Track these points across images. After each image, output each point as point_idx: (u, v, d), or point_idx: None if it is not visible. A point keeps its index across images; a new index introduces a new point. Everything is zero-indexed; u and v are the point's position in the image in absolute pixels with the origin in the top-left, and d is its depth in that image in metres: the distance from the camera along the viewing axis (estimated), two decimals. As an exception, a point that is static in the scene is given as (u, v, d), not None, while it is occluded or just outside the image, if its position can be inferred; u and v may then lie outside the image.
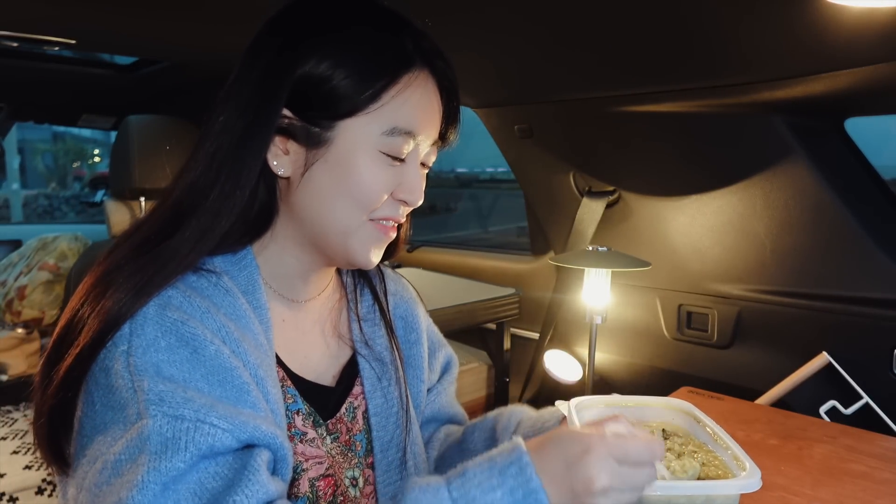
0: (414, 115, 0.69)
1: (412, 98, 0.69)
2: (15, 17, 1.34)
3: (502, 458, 0.55)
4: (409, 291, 0.92)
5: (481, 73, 1.54)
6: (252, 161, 0.67)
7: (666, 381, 1.71)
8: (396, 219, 0.73)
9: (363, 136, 0.68)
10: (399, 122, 0.68)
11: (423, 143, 0.72)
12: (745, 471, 0.63)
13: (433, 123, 0.72)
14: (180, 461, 0.54)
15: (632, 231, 1.71)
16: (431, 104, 0.71)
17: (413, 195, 0.72)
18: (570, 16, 1.11)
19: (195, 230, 0.65)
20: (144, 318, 0.60)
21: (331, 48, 0.67)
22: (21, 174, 13.40)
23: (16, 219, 11.30)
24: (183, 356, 0.59)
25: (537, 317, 2.02)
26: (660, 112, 1.40)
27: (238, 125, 0.67)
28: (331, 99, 0.67)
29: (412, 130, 0.69)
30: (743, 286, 1.55)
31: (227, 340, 0.63)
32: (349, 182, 0.68)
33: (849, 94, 1.18)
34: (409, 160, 0.71)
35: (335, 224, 0.70)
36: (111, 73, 2.17)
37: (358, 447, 0.78)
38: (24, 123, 2.89)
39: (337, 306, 0.83)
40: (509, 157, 1.90)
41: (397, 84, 0.68)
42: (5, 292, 2.21)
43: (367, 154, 0.68)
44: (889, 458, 1.04)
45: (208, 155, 0.67)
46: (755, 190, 1.40)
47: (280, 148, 0.69)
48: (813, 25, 0.97)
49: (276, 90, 0.67)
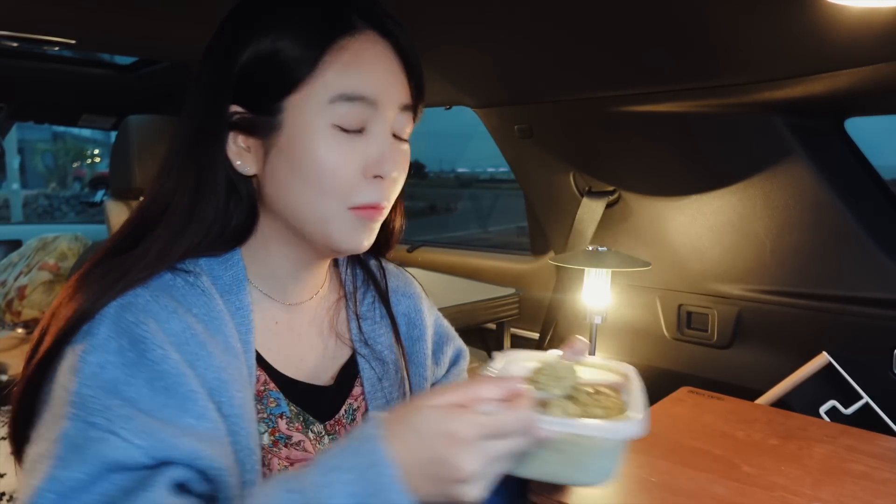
0: (363, 79, 0.65)
1: (357, 61, 0.65)
2: (15, 17, 1.34)
3: (354, 435, 0.53)
4: (412, 287, 0.90)
5: (481, 73, 1.54)
6: (208, 161, 0.67)
7: (666, 382, 1.71)
8: (377, 203, 0.68)
9: (309, 111, 0.65)
10: (344, 87, 0.64)
11: (386, 109, 0.67)
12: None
13: (392, 87, 0.68)
14: (81, 472, 0.52)
15: (632, 231, 1.71)
16: (384, 66, 0.67)
17: (385, 166, 0.67)
18: (570, 16, 1.11)
19: (161, 235, 0.66)
20: (102, 318, 0.60)
21: (266, 28, 0.66)
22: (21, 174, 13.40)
23: (16, 219, 11.30)
24: (130, 359, 0.58)
25: (537, 317, 2.02)
26: (660, 112, 1.40)
27: (190, 128, 0.68)
28: (271, 80, 0.65)
29: (364, 95, 0.65)
30: (743, 286, 1.55)
31: (188, 343, 0.62)
32: (306, 165, 0.65)
33: (849, 94, 1.18)
34: (372, 130, 0.67)
35: (309, 214, 0.67)
36: (111, 73, 2.17)
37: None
38: (24, 123, 2.89)
39: (335, 306, 0.81)
40: (509, 157, 1.90)
41: (336, 49, 0.65)
42: (5, 292, 2.21)
43: (319, 131, 0.65)
44: (889, 458, 1.04)
45: (167, 160, 0.68)
46: (755, 190, 1.40)
47: (242, 147, 0.68)
48: (813, 25, 0.97)
49: (220, 85, 0.67)
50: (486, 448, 0.50)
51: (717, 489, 0.95)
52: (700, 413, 1.24)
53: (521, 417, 0.52)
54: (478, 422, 0.50)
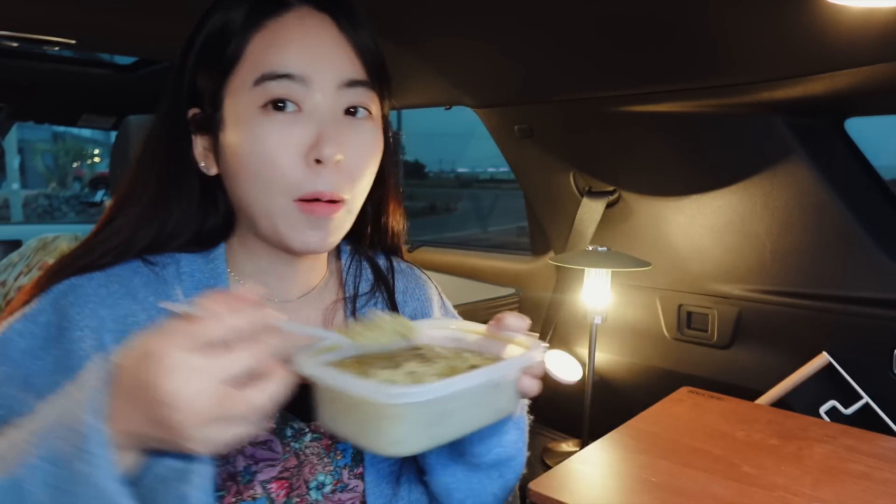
0: (288, 56, 0.62)
1: (282, 38, 0.63)
2: (15, 17, 1.34)
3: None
4: (423, 289, 0.86)
5: (481, 73, 1.54)
6: (172, 164, 0.68)
7: (666, 381, 1.71)
8: (323, 193, 0.63)
9: (241, 97, 0.63)
10: (267, 66, 0.62)
11: (321, 86, 0.63)
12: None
13: (325, 62, 0.63)
14: None
15: (632, 231, 1.71)
16: (316, 41, 0.64)
17: (325, 149, 0.61)
18: (570, 16, 1.11)
19: (122, 230, 0.67)
20: (48, 293, 0.62)
21: (210, 16, 0.66)
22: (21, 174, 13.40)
23: (16, 219, 11.30)
24: (51, 334, 0.60)
25: (537, 317, 2.02)
26: (660, 112, 1.40)
27: (154, 131, 0.69)
28: (211, 69, 0.65)
29: (289, 72, 0.61)
30: (743, 286, 1.55)
31: (127, 329, 0.62)
32: (243, 155, 0.63)
33: (849, 94, 1.18)
34: (308, 110, 0.63)
35: (258, 210, 0.65)
36: (111, 73, 2.17)
37: (339, 455, 0.72)
38: (24, 123, 2.89)
39: (332, 307, 0.78)
40: (509, 157, 1.90)
41: (264, 28, 0.63)
42: (5, 292, 2.21)
43: (250, 117, 0.62)
44: (889, 458, 1.04)
45: (138, 160, 0.70)
46: (755, 190, 1.40)
47: (206, 148, 0.68)
48: (813, 25, 0.97)
49: (179, 86, 0.68)
50: (191, 363, 0.42)
51: (717, 489, 0.95)
52: (700, 413, 1.24)
53: (255, 311, 0.45)
54: (177, 331, 0.43)
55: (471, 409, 0.54)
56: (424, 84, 1.65)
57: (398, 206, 0.82)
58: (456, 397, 0.51)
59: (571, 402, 1.91)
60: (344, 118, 0.65)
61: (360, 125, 0.66)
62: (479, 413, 0.56)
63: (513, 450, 0.72)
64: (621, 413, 1.29)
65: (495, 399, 0.58)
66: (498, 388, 0.57)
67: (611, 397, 1.84)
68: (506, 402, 0.60)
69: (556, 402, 2.03)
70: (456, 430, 0.54)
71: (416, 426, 0.50)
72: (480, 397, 0.55)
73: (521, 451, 0.75)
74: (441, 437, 0.53)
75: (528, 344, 0.62)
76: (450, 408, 0.52)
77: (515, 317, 0.64)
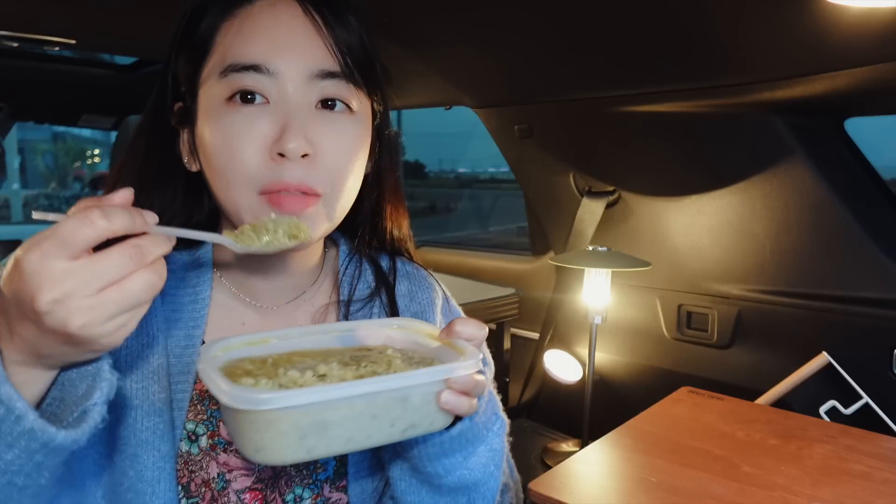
0: (255, 45, 0.59)
1: (250, 28, 0.60)
2: (15, 17, 1.34)
3: None
4: (426, 291, 0.80)
5: (481, 73, 1.54)
6: (154, 156, 0.67)
7: (666, 381, 1.71)
8: (288, 184, 0.59)
9: (209, 89, 0.61)
10: (232, 57, 0.59)
11: (290, 77, 0.60)
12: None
13: (295, 52, 0.60)
14: None
15: (632, 231, 1.71)
16: (285, 30, 0.60)
17: (288, 143, 0.57)
18: (570, 16, 1.11)
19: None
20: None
21: (188, 16, 0.65)
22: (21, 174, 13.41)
23: (16, 219, 11.30)
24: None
25: (537, 317, 2.02)
26: (660, 112, 1.40)
27: (140, 126, 0.68)
28: (187, 60, 0.64)
29: (255, 63, 0.58)
30: (743, 286, 1.55)
31: None
32: (209, 148, 0.60)
33: (849, 94, 1.18)
34: (277, 101, 0.60)
35: (226, 204, 0.62)
36: (111, 73, 2.17)
37: (319, 468, 0.69)
38: (24, 123, 2.89)
39: (322, 311, 0.74)
40: (509, 157, 1.90)
41: (234, 17, 0.61)
42: (5, 292, 2.21)
43: (216, 109, 0.60)
44: (889, 458, 1.04)
45: (125, 154, 0.69)
46: (755, 190, 1.40)
47: (187, 142, 0.67)
48: (813, 25, 0.97)
49: (163, 82, 0.67)
50: (62, 269, 0.42)
51: (717, 489, 0.95)
52: (700, 413, 1.25)
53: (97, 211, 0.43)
54: (45, 238, 0.43)
55: (362, 421, 0.49)
56: (424, 84, 1.65)
57: (398, 206, 0.79)
58: (330, 407, 0.47)
59: (571, 402, 1.91)
60: (317, 111, 0.61)
61: (336, 118, 0.62)
62: (378, 427, 0.50)
63: (481, 474, 0.64)
64: (621, 413, 1.29)
65: (401, 412, 0.51)
66: (404, 401, 0.51)
67: (611, 397, 1.84)
68: (419, 416, 0.52)
69: (556, 402, 2.03)
70: (344, 443, 0.49)
71: (283, 435, 0.47)
72: (374, 409, 0.50)
73: (494, 477, 0.67)
74: (322, 450, 0.49)
75: (467, 355, 0.55)
76: (326, 418, 0.47)
77: (468, 324, 0.57)
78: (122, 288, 0.45)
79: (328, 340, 0.60)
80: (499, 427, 0.66)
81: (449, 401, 0.53)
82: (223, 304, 0.70)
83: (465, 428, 0.59)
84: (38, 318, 0.43)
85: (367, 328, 0.62)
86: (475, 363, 0.53)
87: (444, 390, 0.52)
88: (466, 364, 0.52)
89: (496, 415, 0.66)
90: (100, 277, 0.44)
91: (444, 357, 0.57)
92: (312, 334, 0.60)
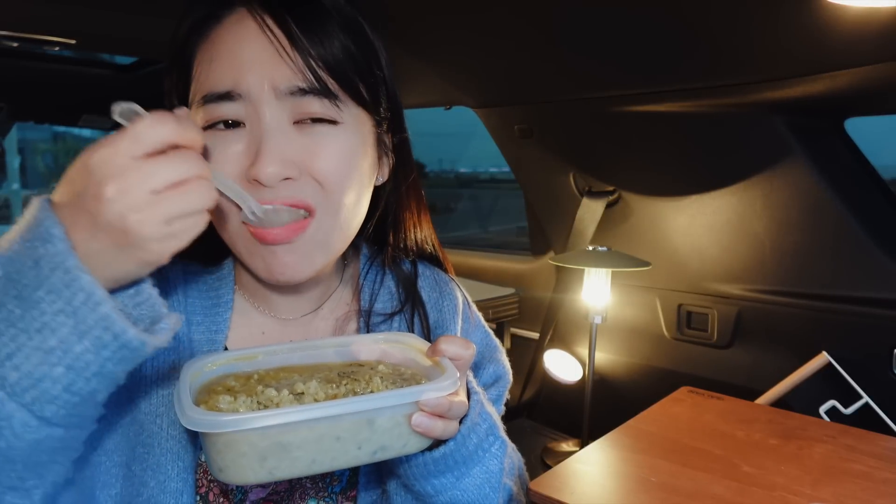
0: (223, 72, 0.57)
1: (216, 51, 0.58)
2: (15, 17, 1.34)
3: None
4: (448, 299, 0.77)
5: (481, 73, 1.54)
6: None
7: (666, 381, 1.71)
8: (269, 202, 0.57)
9: (194, 114, 0.60)
10: (208, 86, 0.58)
11: (260, 99, 0.57)
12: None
13: (258, 69, 0.57)
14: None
15: (632, 231, 1.71)
16: (251, 50, 0.57)
17: (260, 167, 0.55)
18: (570, 16, 1.11)
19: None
20: None
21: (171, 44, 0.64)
22: (21, 174, 13.39)
23: (16, 218, 11.28)
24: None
25: (537, 317, 2.02)
26: (660, 112, 1.40)
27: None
28: (177, 86, 0.63)
29: (225, 90, 0.57)
30: (743, 286, 1.55)
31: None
32: None
33: (849, 94, 1.18)
34: (252, 123, 0.58)
35: (224, 235, 0.61)
36: (111, 73, 2.17)
37: (335, 481, 0.68)
38: (24, 123, 2.89)
39: (343, 319, 0.73)
40: (509, 157, 1.90)
41: (206, 41, 0.60)
42: (5, 292, 2.21)
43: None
44: (889, 458, 1.04)
45: None
46: (755, 190, 1.40)
47: None
48: (813, 25, 0.97)
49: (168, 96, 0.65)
50: (125, 164, 0.44)
51: (717, 489, 0.95)
52: (700, 413, 1.25)
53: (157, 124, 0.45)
54: (112, 140, 0.45)
55: (325, 443, 0.48)
56: (424, 84, 1.65)
57: (419, 212, 0.77)
58: (289, 430, 0.46)
59: (571, 402, 1.91)
60: (296, 128, 0.59)
61: (318, 132, 0.59)
62: (343, 449, 0.49)
63: (475, 496, 0.63)
64: (621, 413, 1.29)
65: (367, 435, 0.50)
66: (371, 423, 0.50)
67: (610, 397, 1.84)
68: (389, 438, 0.51)
69: (556, 401, 2.03)
70: (307, 465, 0.48)
71: (243, 456, 0.46)
72: (337, 431, 0.48)
73: (489, 499, 0.64)
74: (285, 471, 0.48)
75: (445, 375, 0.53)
76: (286, 440, 0.47)
77: (452, 342, 0.55)
78: (181, 191, 0.45)
79: (321, 355, 0.60)
80: (497, 449, 0.64)
81: (421, 423, 0.51)
82: (244, 311, 0.70)
83: (450, 450, 0.58)
84: (99, 207, 0.43)
85: (361, 343, 0.62)
86: (451, 384, 0.51)
87: (416, 412, 0.51)
88: (440, 386, 0.51)
89: (495, 436, 0.64)
90: (163, 176, 0.44)
91: (434, 375, 0.56)
92: (303, 349, 0.60)
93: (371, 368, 0.59)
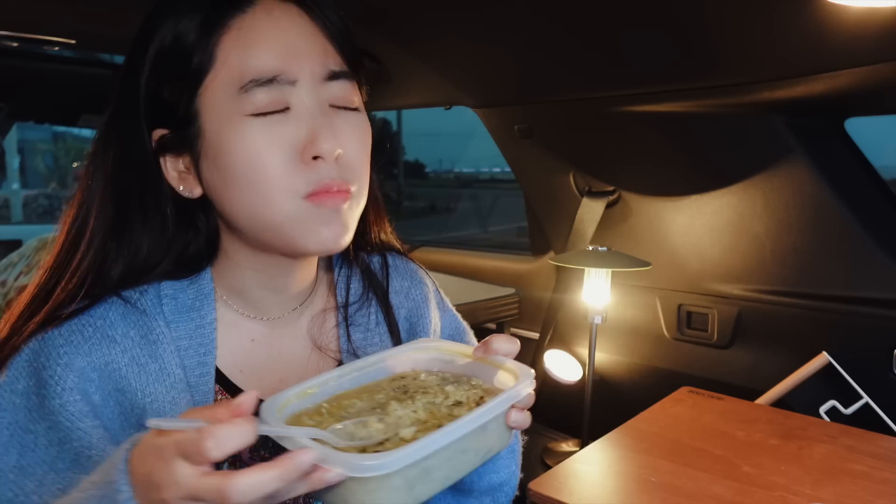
0: (270, 55, 0.58)
1: (258, 37, 0.58)
2: (15, 17, 1.34)
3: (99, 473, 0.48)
4: (419, 287, 0.81)
5: (481, 73, 1.54)
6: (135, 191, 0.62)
7: (666, 381, 1.71)
8: (330, 185, 0.59)
9: (222, 106, 0.58)
10: (250, 72, 0.57)
11: (306, 82, 0.59)
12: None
13: (307, 56, 0.59)
14: None
15: (632, 231, 1.71)
16: (293, 34, 0.59)
17: (323, 145, 0.58)
18: (569, 16, 1.11)
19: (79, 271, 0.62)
20: (20, 354, 0.59)
21: (152, 41, 0.60)
22: (21, 174, 13.40)
23: (16, 219, 11.28)
24: (34, 403, 0.58)
25: (537, 317, 2.02)
26: (660, 112, 1.40)
27: (107, 158, 0.63)
28: (176, 82, 0.60)
29: (276, 74, 0.58)
30: (743, 286, 1.55)
31: (110, 377, 0.60)
32: (234, 166, 0.58)
33: (849, 94, 1.18)
34: (297, 108, 0.59)
35: (261, 221, 0.60)
36: (111, 73, 2.17)
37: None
38: (24, 123, 2.89)
39: (321, 315, 0.74)
40: (509, 157, 1.90)
41: (232, 28, 0.58)
42: (5, 292, 2.21)
43: (236, 125, 0.58)
44: (889, 458, 1.04)
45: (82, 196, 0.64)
46: (755, 190, 1.40)
47: (182, 170, 0.63)
48: (813, 25, 0.97)
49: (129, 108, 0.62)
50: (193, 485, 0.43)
51: (717, 489, 0.95)
52: (700, 413, 1.25)
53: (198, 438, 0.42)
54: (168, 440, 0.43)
55: (455, 458, 0.51)
56: (424, 84, 1.66)
57: (377, 208, 0.78)
58: (435, 454, 0.48)
59: (571, 402, 1.91)
60: (332, 111, 0.61)
61: (350, 116, 0.63)
62: (466, 459, 0.53)
63: (505, 474, 0.70)
64: (621, 413, 1.30)
65: (483, 442, 0.54)
66: (485, 430, 0.53)
67: (611, 397, 1.84)
68: (495, 440, 0.56)
69: (556, 402, 2.03)
70: (442, 482, 0.51)
71: (395, 490, 0.47)
72: (464, 445, 0.51)
73: (514, 475, 0.72)
74: (427, 493, 0.50)
75: (517, 372, 0.57)
76: (429, 465, 0.48)
77: (504, 340, 0.59)
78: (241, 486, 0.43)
79: (365, 376, 0.61)
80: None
81: (517, 419, 0.56)
82: (230, 322, 0.69)
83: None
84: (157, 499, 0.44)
85: (394, 356, 0.63)
86: (532, 380, 0.56)
87: (511, 410, 0.55)
88: (529, 382, 0.56)
89: None
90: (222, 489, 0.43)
91: (478, 373, 0.60)
92: (347, 374, 0.60)
93: (413, 378, 0.62)
